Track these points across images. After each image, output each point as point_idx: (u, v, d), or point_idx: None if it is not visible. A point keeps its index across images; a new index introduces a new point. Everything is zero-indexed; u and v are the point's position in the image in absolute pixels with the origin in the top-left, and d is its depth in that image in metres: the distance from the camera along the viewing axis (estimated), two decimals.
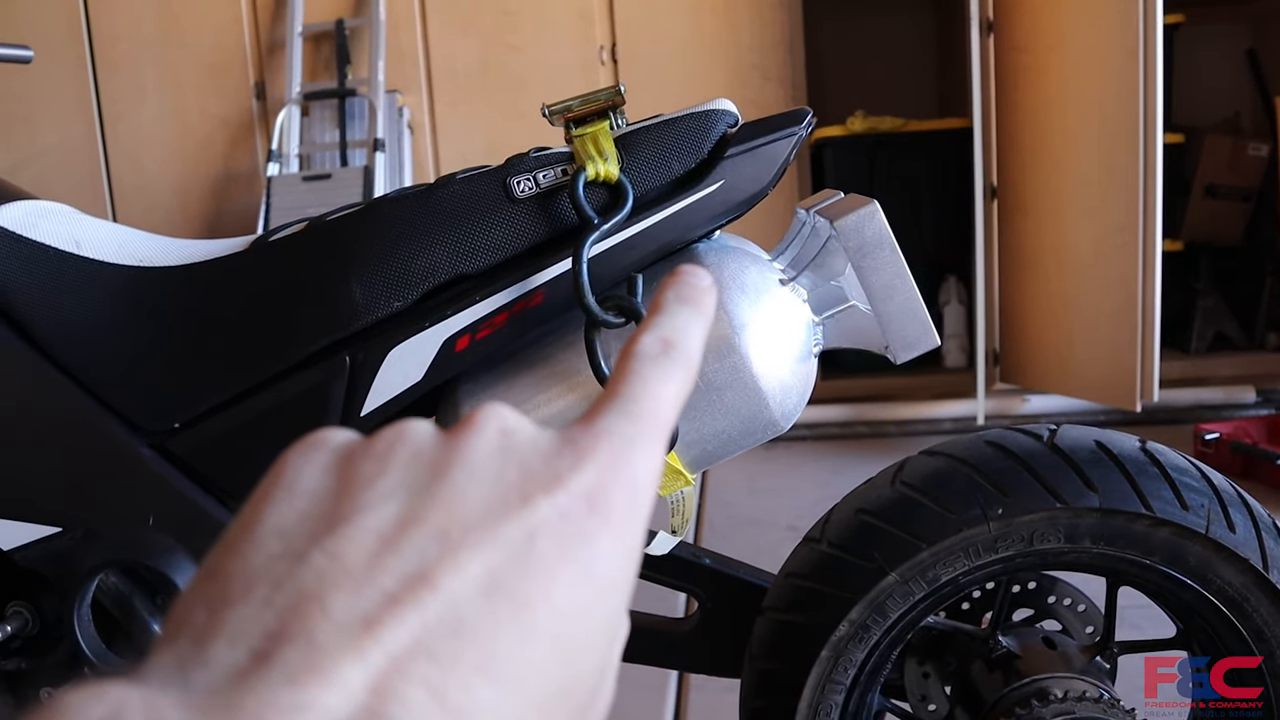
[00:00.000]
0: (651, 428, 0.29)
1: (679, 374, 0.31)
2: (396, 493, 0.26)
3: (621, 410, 0.29)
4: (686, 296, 0.34)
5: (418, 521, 0.24)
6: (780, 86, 3.52)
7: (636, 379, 0.30)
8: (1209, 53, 4.02)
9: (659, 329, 0.32)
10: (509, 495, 0.25)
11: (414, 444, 0.27)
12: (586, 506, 0.26)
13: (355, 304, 0.85)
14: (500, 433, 0.28)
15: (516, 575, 0.24)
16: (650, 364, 0.31)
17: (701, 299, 0.34)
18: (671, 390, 0.30)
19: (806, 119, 0.88)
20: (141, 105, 3.72)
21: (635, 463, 0.28)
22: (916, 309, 0.85)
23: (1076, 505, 0.94)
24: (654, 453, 0.29)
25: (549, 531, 0.25)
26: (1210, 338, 3.80)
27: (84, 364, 0.92)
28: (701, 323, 0.33)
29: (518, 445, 0.27)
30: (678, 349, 0.31)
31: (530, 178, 0.84)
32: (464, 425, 0.28)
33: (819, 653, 0.98)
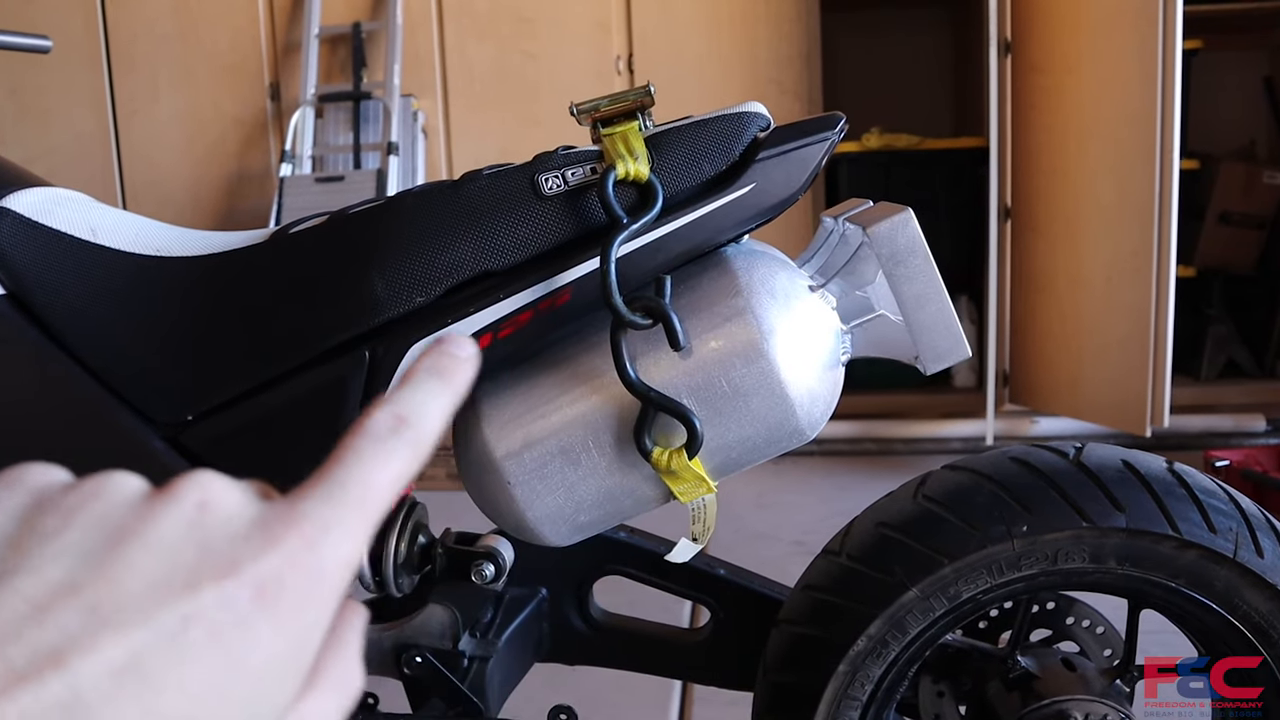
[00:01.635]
0: (355, 514, 0.29)
1: (405, 454, 0.30)
2: (66, 555, 0.25)
3: (326, 494, 0.28)
4: (439, 369, 0.33)
5: (74, 591, 0.24)
6: (797, 101, 3.51)
7: (353, 459, 0.30)
8: (1226, 79, 4.01)
9: (396, 404, 0.31)
10: (176, 577, 0.25)
11: (106, 504, 0.27)
12: (254, 595, 0.26)
13: (377, 298, 0.84)
14: (197, 505, 0.27)
15: (158, 661, 0.24)
16: (373, 444, 0.30)
17: (455, 372, 0.33)
18: (390, 473, 0.30)
19: (840, 124, 0.87)
20: (156, 103, 3.72)
21: (326, 551, 0.27)
22: (949, 319, 0.83)
23: (1102, 525, 0.92)
24: (352, 540, 0.28)
25: (205, 619, 0.25)
26: (1221, 364, 3.78)
27: (97, 354, 0.91)
28: (448, 397, 0.33)
29: (209, 523, 0.27)
30: (411, 428, 0.31)
31: (559, 175, 0.83)
32: (165, 491, 0.28)
33: (835, 667, 0.96)
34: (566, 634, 1.17)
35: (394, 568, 1.01)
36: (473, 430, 0.86)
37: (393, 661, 1.06)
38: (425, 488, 3.24)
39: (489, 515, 0.89)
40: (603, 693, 1.77)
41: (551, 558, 1.12)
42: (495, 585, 1.05)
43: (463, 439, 0.87)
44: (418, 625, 1.06)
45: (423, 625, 1.06)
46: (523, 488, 0.84)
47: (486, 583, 1.04)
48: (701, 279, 0.84)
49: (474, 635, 1.06)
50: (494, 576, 1.04)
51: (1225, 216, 3.77)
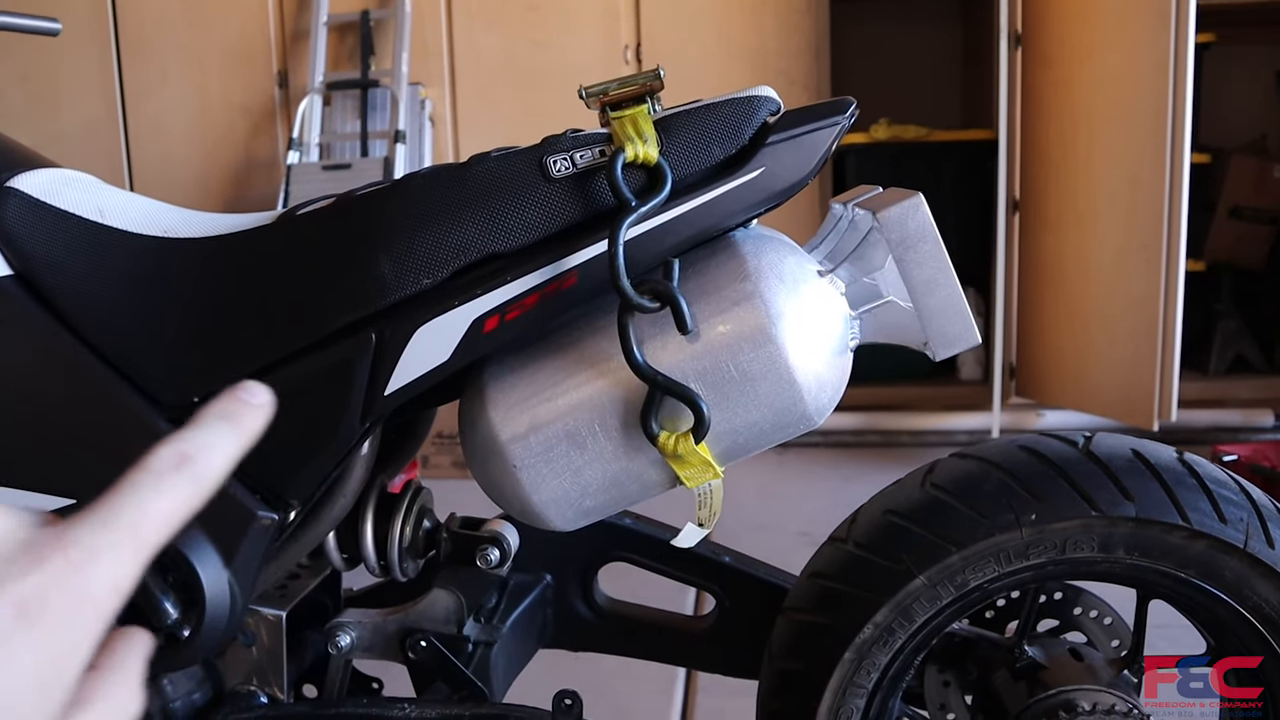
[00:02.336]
0: (127, 541, 0.30)
1: (184, 491, 0.32)
2: None
3: (98, 520, 0.30)
4: (229, 413, 0.35)
5: None
6: (805, 92, 3.50)
7: (130, 491, 0.31)
8: (1238, 73, 3.99)
9: (182, 442, 0.33)
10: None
11: None
12: (15, 613, 0.27)
13: (384, 280, 0.83)
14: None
15: None
16: (152, 477, 0.31)
17: (244, 417, 0.35)
18: (165, 506, 0.31)
19: (850, 109, 0.86)
20: (164, 88, 3.72)
21: (93, 574, 0.29)
22: (959, 305, 0.83)
23: (1112, 514, 0.92)
24: (121, 565, 0.30)
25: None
26: (1230, 360, 3.77)
27: (104, 334, 0.90)
28: (235, 440, 0.34)
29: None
30: (192, 465, 0.32)
31: (567, 157, 0.82)
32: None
33: (842, 655, 0.96)
34: (571, 620, 1.17)
35: (399, 552, 1.01)
36: (478, 413, 0.85)
37: (397, 646, 1.06)
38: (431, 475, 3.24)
39: (494, 499, 0.89)
40: (606, 681, 1.77)
41: (556, 543, 1.12)
42: (500, 570, 1.05)
43: (468, 422, 0.87)
44: (422, 610, 1.06)
45: (427, 610, 1.06)
46: (528, 471, 0.83)
47: (491, 568, 1.04)
48: (710, 263, 0.83)
49: (478, 620, 1.06)
50: (499, 561, 1.04)
51: (1236, 211, 3.75)
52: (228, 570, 0.90)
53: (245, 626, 1.03)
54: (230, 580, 0.89)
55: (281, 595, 1.05)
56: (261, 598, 1.04)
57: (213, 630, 0.89)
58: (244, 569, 0.90)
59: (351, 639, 1.06)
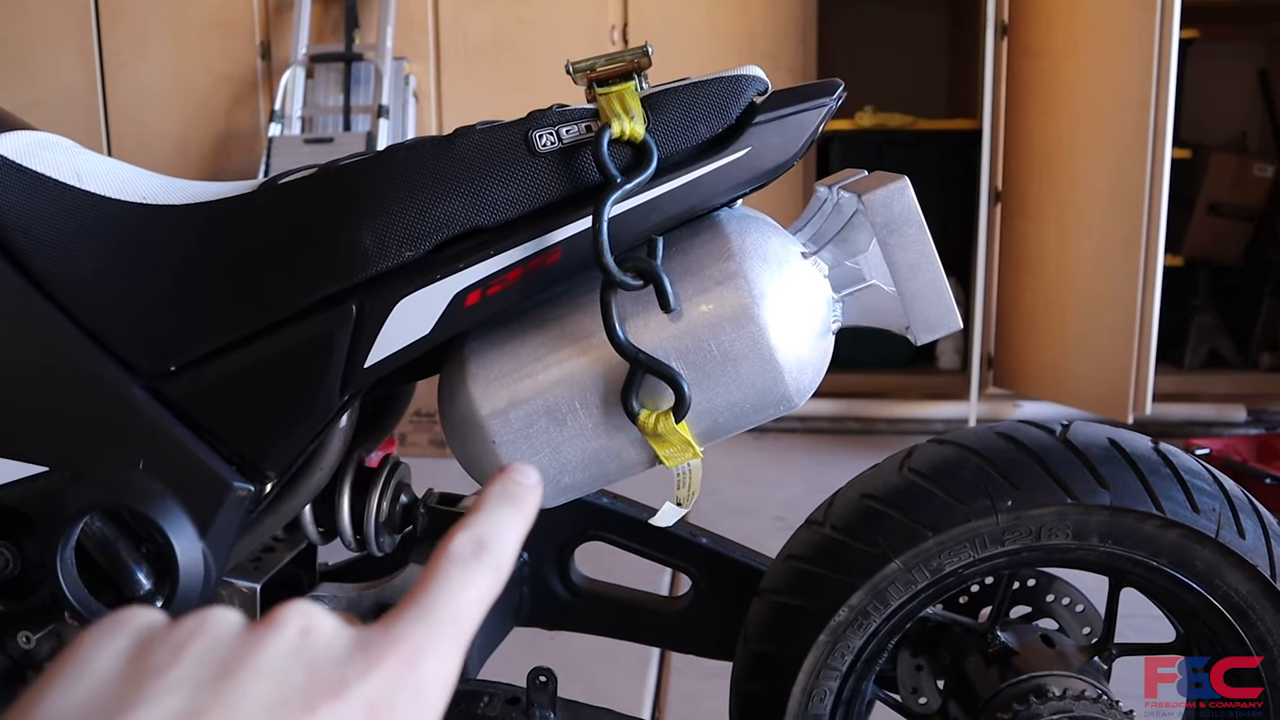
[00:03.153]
0: (449, 633, 0.31)
1: (487, 577, 0.33)
2: (183, 686, 0.26)
3: (420, 616, 0.31)
4: (510, 495, 0.36)
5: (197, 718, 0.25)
6: (791, 76, 3.49)
7: (441, 583, 0.32)
8: (1221, 70, 4.01)
9: (475, 528, 0.34)
10: (292, 700, 0.26)
11: (212, 636, 0.28)
12: (366, 715, 0.27)
13: (365, 252, 0.82)
14: (299, 632, 0.29)
15: None
16: (458, 567, 0.33)
17: (524, 497, 0.36)
18: (475, 595, 0.32)
19: (838, 91, 0.86)
20: (144, 57, 3.67)
21: (425, 670, 0.29)
22: (941, 289, 0.83)
23: (1087, 502, 0.92)
24: (448, 659, 0.30)
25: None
26: (1205, 354, 3.80)
27: (80, 300, 0.89)
28: (521, 522, 0.36)
29: (313, 646, 0.29)
30: (490, 551, 0.33)
31: (553, 132, 0.82)
32: (265, 621, 0.29)
33: (816, 637, 0.96)
34: (546, 599, 1.17)
35: (375, 527, 1.01)
36: (458, 388, 0.85)
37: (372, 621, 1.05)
38: (408, 453, 3.23)
39: (473, 474, 0.89)
40: (582, 661, 1.77)
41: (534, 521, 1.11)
42: None
43: (448, 397, 0.87)
44: (398, 585, 1.05)
45: (403, 585, 1.05)
46: (507, 447, 0.83)
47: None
48: (694, 242, 0.83)
49: None
50: None
51: (1215, 207, 3.78)
52: (202, 541, 0.89)
53: (219, 598, 1.02)
54: (204, 551, 0.89)
55: (256, 568, 1.04)
56: (236, 570, 1.03)
57: (185, 601, 0.88)
58: (218, 540, 0.90)
59: None
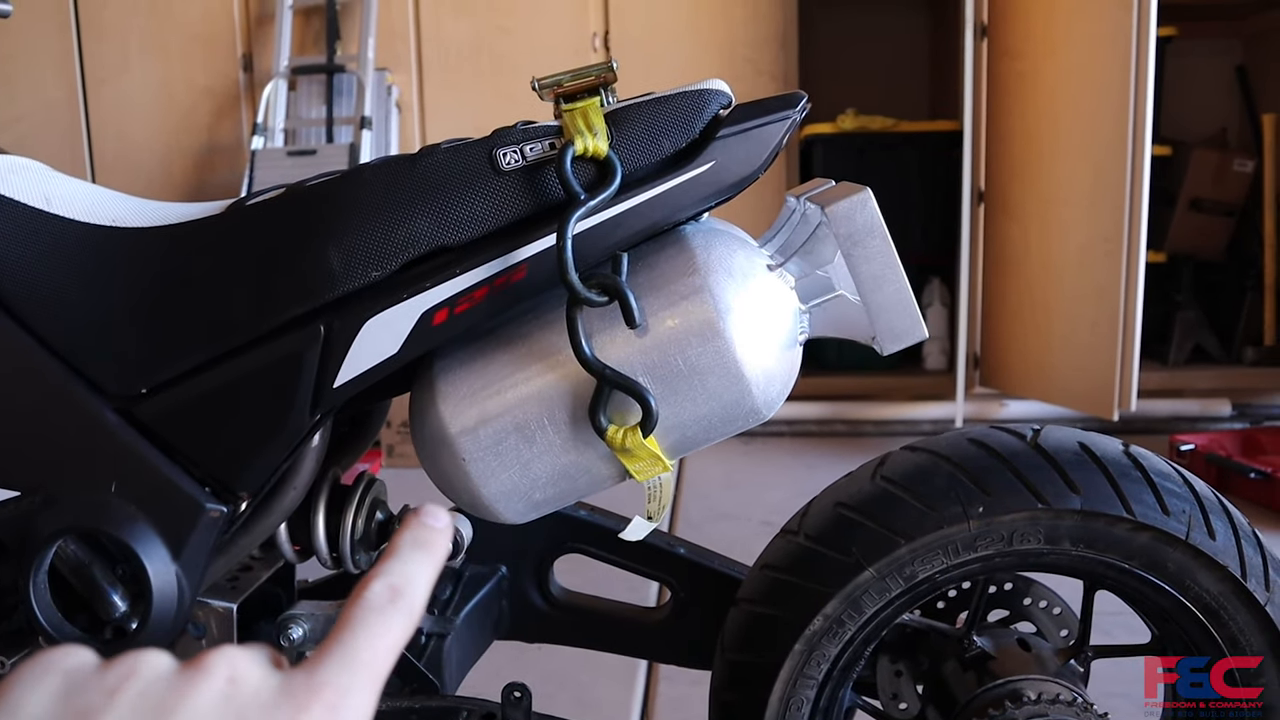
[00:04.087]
0: (366, 679, 0.32)
1: (401, 623, 0.34)
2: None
3: (340, 663, 0.32)
4: (421, 540, 0.38)
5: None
6: (773, 81, 3.50)
7: (360, 629, 0.33)
8: (1199, 67, 4.03)
9: (388, 575, 0.36)
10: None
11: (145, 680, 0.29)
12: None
13: (332, 272, 0.83)
14: (228, 680, 0.30)
15: None
16: (375, 614, 0.34)
17: (434, 541, 0.38)
18: (389, 641, 0.34)
19: (801, 103, 0.86)
20: (126, 72, 3.67)
21: (346, 713, 0.31)
22: (906, 300, 0.83)
23: (1058, 506, 0.93)
24: (366, 703, 0.32)
25: None
26: (1189, 350, 3.82)
27: (49, 324, 0.89)
28: (432, 567, 0.37)
29: (240, 694, 0.29)
30: (404, 598, 0.35)
31: (517, 150, 0.82)
32: (194, 667, 0.30)
33: (792, 646, 0.97)
34: (526, 612, 1.17)
35: (351, 544, 1.01)
36: (428, 406, 0.85)
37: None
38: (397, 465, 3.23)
39: (444, 492, 0.89)
40: (569, 671, 1.77)
41: (511, 535, 1.12)
42: (453, 562, 1.05)
43: (418, 415, 0.87)
44: None
45: None
46: (477, 464, 0.83)
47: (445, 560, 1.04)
48: (659, 257, 0.83)
49: (431, 612, 1.06)
50: (452, 554, 1.04)
51: (1196, 203, 3.80)
52: (175, 563, 0.89)
53: (195, 618, 1.02)
54: (178, 573, 0.89)
55: (233, 587, 1.04)
56: (212, 589, 1.03)
57: (160, 623, 0.88)
58: (192, 561, 0.90)
59: (304, 631, 1.05)
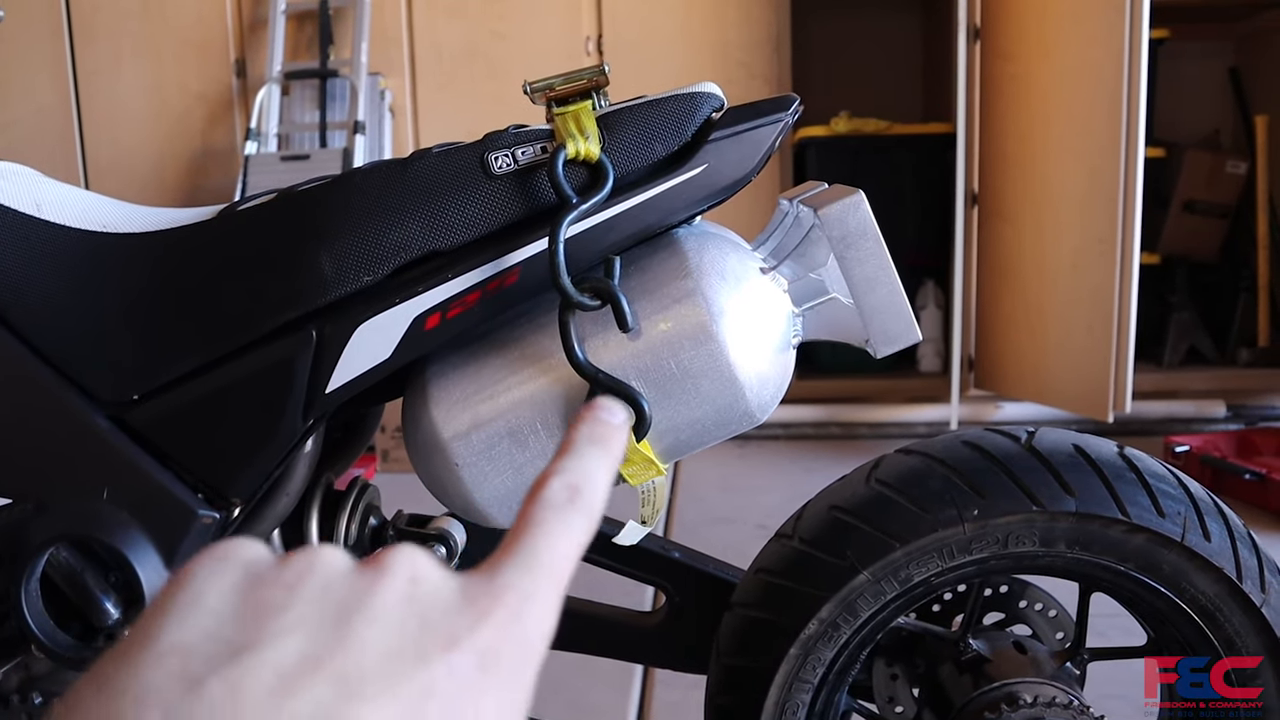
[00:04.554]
0: (549, 581, 0.31)
1: (581, 523, 0.32)
2: (301, 627, 0.26)
3: (522, 564, 0.30)
4: (597, 436, 0.36)
5: (318, 663, 0.25)
6: (766, 84, 3.51)
7: (539, 530, 0.31)
8: (1192, 69, 4.04)
9: (566, 474, 0.34)
10: (407, 649, 0.26)
11: (324, 577, 0.28)
12: (477, 665, 0.27)
13: (324, 277, 0.82)
14: (409, 580, 0.29)
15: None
16: (554, 514, 0.32)
17: (611, 438, 0.36)
18: (572, 542, 0.32)
19: (793, 106, 0.86)
20: (119, 77, 3.66)
21: (529, 619, 0.29)
22: (899, 302, 0.83)
23: (1053, 509, 0.93)
24: (550, 607, 0.30)
25: (439, 690, 0.26)
26: (1183, 351, 3.82)
27: (41, 331, 0.89)
28: (610, 464, 0.35)
29: (422, 595, 0.28)
30: (583, 496, 0.33)
31: (508, 154, 0.82)
32: (376, 566, 0.29)
33: (787, 650, 0.96)
34: None
35: (344, 549, 1.01)
36: (420, 411, 0.85)
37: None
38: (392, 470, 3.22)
39: (438, 497, 0.89)
40: (564, 676, 1.77)
41: None
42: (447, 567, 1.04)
43: (411, 420, 0.87)
44: None
45: None
46: (470, 469, 0.83)
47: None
48: (651, 260, 0.83)
49: None
50: (446, 559, 1.04)
51: (1190, 205, 3.80)
52: (168, 570, 0.89)
53: None
54: None
55: None
56: None
57: None
58: None
59: None
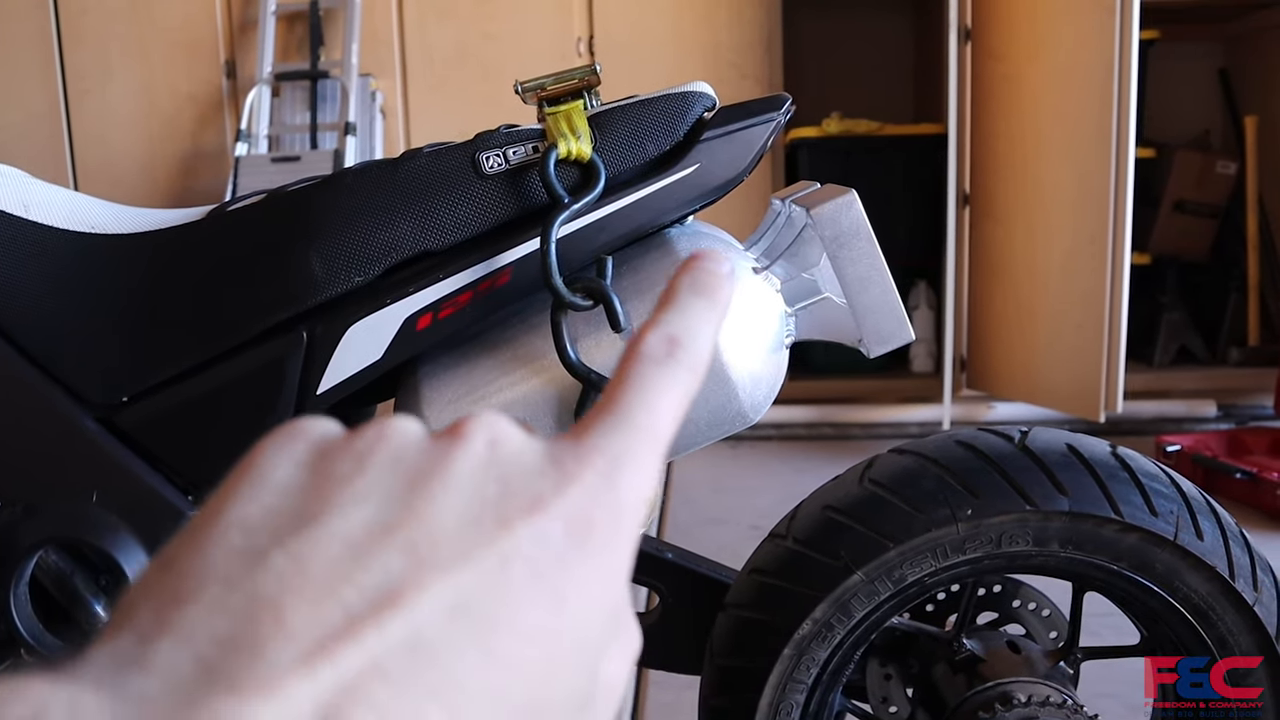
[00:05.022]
0: (646, 442, 0.27)
1: (684, 379, 0.29)
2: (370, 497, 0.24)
3: (615, 424, 0.27)
4: (701, 286, 0.31)
5: (389, 532, 0.23)
6: (757, 85, 3.51)
7: (635, 387, 0.28)
8: (1182, 70, 4.05)
9: (667, 325, 0.30)
10: (485, 515, 0.24)
11: (396, 446, 0.26)
12: (565, 532, 0.25)
13: (314, 278, 0.82)
14: (488, 444, 0.26)
15: (484, 600, 0.23)
16: (653, 368, 0.29)
17: (717, 289, 0.32)
18: (672, 399, 0.28)
19: (785, 105, 0.86)
20: (108, 80, 3.65)
21: (622, 483, 0.27)
22: (892, 302, 0.83)
23: (1046, 508, 0.93)
24: (645, 469, 0.27)
25: (523, 556, 0.24)
26: (1174, 351, 3.83)
27: (29, 332, 0.88)
28: (716, 317, 0.31)
29: (503, 459, 0.26)
30: (685, 350, 0.29)
31: (500, 154, 0.82)
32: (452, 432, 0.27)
33: (781, 651, 0.96)
34: None
35: None
36: (412, 412, 0.84)
37: None
38: None
39: None
40: None
41: None
42: None
43: None
44: None
45: None
46: None
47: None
48: (644, 260, 0.83)
49: None
50: None
51: (1180, 205, 3.81)
52: None
53: None
54: None
55: None
56: None
57: None
58: None
59: None
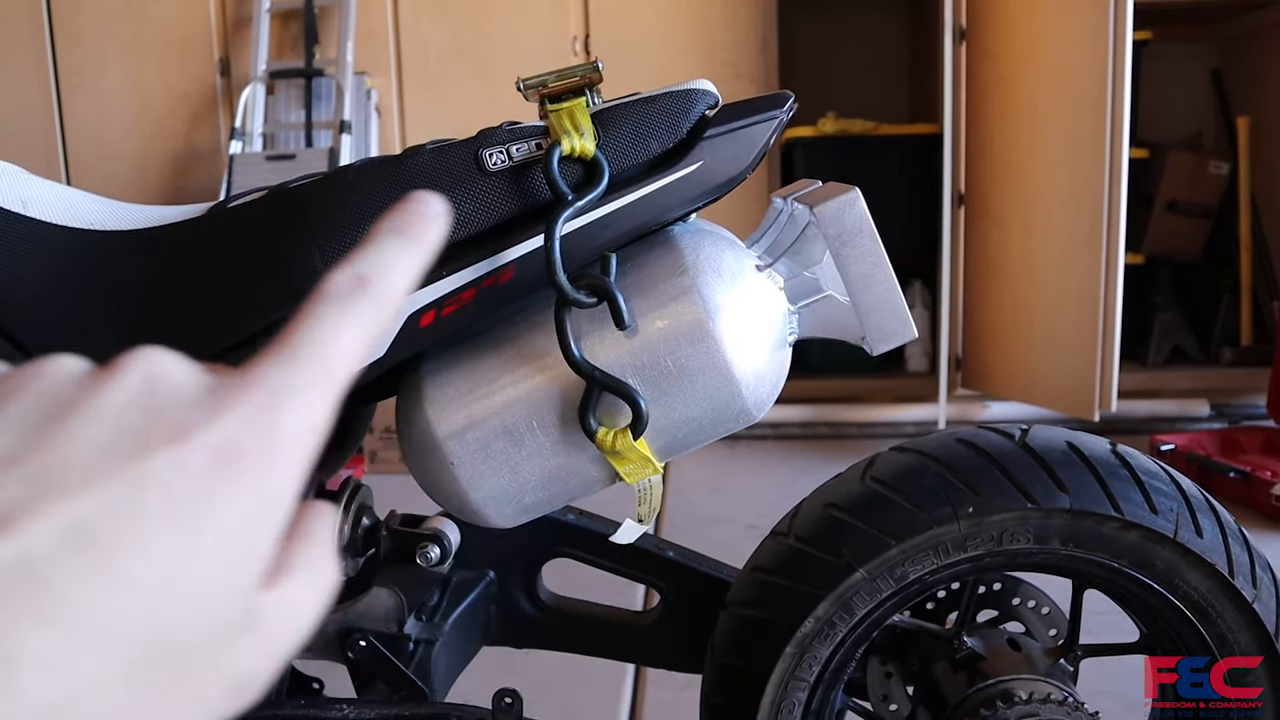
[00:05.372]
0: (313, 375, 0.27)
1: (367, 314, 0.29)
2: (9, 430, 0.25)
3: (281, 357, 0.27)
4: (401, 226, 0.31)
5: (15, 461, 0.24)
6: (752, 85, 3.51)
7: (310, 321, 0.28)
8: (1175, 71, 4.06)
9: (357, 264, 0.30)
10: (126, 443, 0.25)
11: (49, 380, 0.26)
12: (210, 460, 0.25)
13: (316, 274, 0.81)
14: (145, 378, 0.26)
15: (111, 525, 0.23)
16: (333, 305, 0.29)
17: (420, 228, 0.32)
18: (351, 333, 0.28)
19: (788, 103, 0.86)
20: (101, 77, 3.63)
21: (283, 416, 0.27)
22: (895, 299, 0.83)
23: (1047, 506, 0.93)
24: (315, 402, 0.27)
25: (159, 483, 0.24)
26: (1168, 351, 3.84)
27: (27, 328, 0.88)
28: (414, 255, 0.31)
29: (157, 391, 0.26)
30: (373, 286, 0.29)
31: (503, 150, 0.81)
32: (109, 366, 0.27)
33: (783, 649, 0.96)
34: (514, 617, 1.16)
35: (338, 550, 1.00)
36: (415, 410, 0.84)
37: (337, 645, 1.04)
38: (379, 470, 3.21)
39: (433, 496, 0.88)
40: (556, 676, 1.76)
41: (499, 540, 1.11)
42: (441, 568, 1.04)
43: (405, 419, 0.86)
44: (362, 609, 1.04)
45: (367, 609, 1.04)
46: (466, 468, 0.82)
47: (432, 565, 1.03)
48: (648, 257, 0.83)
49: (419, 619, 1.05)
50: (439, 559, 1.03)
51: (1173, 205, 3.83)
52: None
53: None
54: None
55: None
56: None
57: None
58: None
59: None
